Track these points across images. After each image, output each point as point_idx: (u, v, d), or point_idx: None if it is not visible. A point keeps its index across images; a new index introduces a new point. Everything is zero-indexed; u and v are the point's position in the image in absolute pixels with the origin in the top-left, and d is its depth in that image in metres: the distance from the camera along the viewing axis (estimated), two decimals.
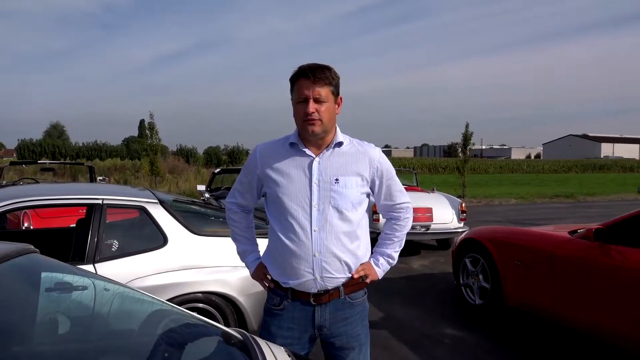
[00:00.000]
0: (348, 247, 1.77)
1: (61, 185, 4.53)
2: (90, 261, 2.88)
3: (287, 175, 1.75)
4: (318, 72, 1.70)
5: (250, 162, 1.87)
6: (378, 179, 1.84)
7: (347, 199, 1.75)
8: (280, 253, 1.77)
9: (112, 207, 3.13)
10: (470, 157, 16.85)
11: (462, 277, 4.75)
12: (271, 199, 1.80)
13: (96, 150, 48.85)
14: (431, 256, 7.12)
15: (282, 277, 1.80)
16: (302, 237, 1.72)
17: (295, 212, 1.73)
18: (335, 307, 1.80)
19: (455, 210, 7.16)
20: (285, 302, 1.80)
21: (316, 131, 1.71)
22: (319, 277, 1.74)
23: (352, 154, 1.80)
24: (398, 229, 1.98)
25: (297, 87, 1.73)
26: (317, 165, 1.75)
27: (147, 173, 16.65)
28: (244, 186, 1.92)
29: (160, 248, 3.06)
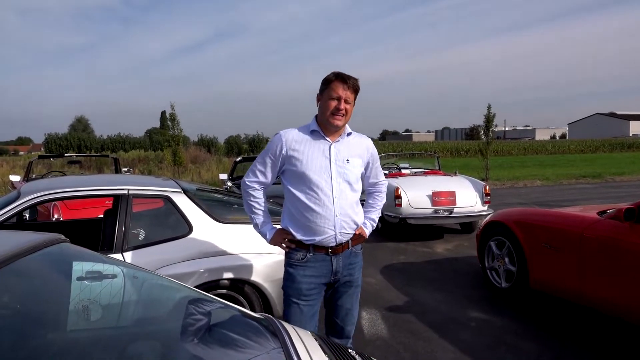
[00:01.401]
0: (355, 210, 2.32)
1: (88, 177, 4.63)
2: (118, 250, 2.94)
3: (310, 155, 2.21)
4: (352, 80, 2.21)
5: (274, 145, 2.26)
6: (371, 162, 2.43)
7: (354, 175, 2.29)
8: (306, 216, 2.22)
9: (138, 197, 3.18)
10: (493, 139, 16.54)
11: (488, 261, 4.69)
12: (296, 174, 2.23)
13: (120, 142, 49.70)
14: (455, 240, 7.05)
15: (308, 236, 2.24)
16: (327, 202, 2.21)
17: (320, 183, 2.20)
18: (345, 257, 2.32)
19: (478, 193, 7.06)
20: (308, 255, 2.26)
21: (339, 124, 2.22)
22: (338, 232, 2.24)
23: (356, 142, 2.36)
24: (379, 199, 2.56)
25: (333, 87, 2.19)
26: (334, 149, 2.25)
27: (170, 163, 16.90)
28: (266, 166, 2.30)
29: (185, 236, 3.10)
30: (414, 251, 6.38)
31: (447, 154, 41.52)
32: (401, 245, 6.75)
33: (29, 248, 1.46)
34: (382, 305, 4.25)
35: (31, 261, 1.46)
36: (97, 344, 1.57)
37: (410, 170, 8.83)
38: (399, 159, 13.14)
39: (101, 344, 1.59)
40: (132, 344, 1.60)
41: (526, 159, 33.54)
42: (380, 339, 3.54)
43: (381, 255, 6.21)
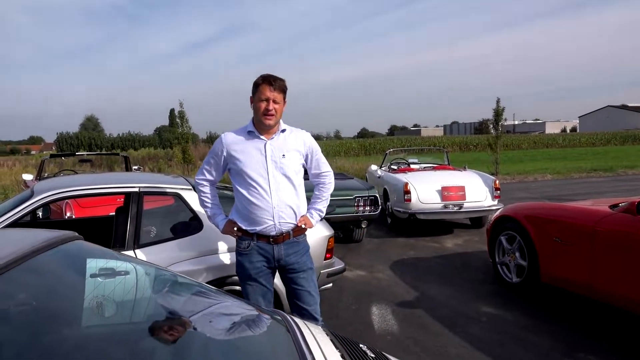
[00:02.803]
0: (294, 201, 2.50)
1: (99, 175, 4.68)
2: (130, 247, 2.97)
3: (248, 154, 2.46)
4: (277, 81, 2.42)
5: (217, 147, 2.54)
6: (310, 154, 2.59)
7: (291, 168, 2.48)
8: (248, 209, 2.46)
9: (149, 195, 3.20)
10: (502, 133, 16.41)
11: (498, 255, 4.67)
12: (237, 172, 2.49)
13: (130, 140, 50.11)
14: (465, 235, 7.03)
15: (250, 226, 2.49)
16: (264, 195, 2.44)
17: (257, 179, 2.43)
18: (287, 245, 2.52)
19: (488, 188, 7.02)
20: (252, 243, 2.51)
21: (271, 123, 2.43)
22: (277, 222, 2.46)
23: (292, 137, 2.54)
24: (324, 190, 2.70)
25: (261, 89, 2.41)
26: (269, 146, 2.47)
27: (179, 161, 16.97)
28: (211, 166, 2.60)
29: (196, 233, 3.12)
30: (423, 246, 6.37)
31: (456, 148, 41.32)
32: (411, 240, 6.75)
33: (44, 246, 1.48)
34: (392, 301, 4.25)
35: (47, 258, 1.48)
36: (112, 340, 1.59)
37: (419, 166, 8.81)
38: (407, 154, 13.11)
39: (115, 339, 1.61)
40: (145, 340, 1.62)
41: (536, 153, 33.26)
42: (390, 334, 3.54)
43: (391, 250, 6.21)
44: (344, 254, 5.98)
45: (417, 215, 6.77)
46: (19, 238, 1.58)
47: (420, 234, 7.09)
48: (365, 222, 6.31)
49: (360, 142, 44.86)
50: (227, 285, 3.12)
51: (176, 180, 3.51)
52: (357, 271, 5.27)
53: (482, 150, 32.99)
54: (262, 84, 2.43)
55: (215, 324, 1.76)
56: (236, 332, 1.76)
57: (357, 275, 5.13)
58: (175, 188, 3.24)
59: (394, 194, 7.26)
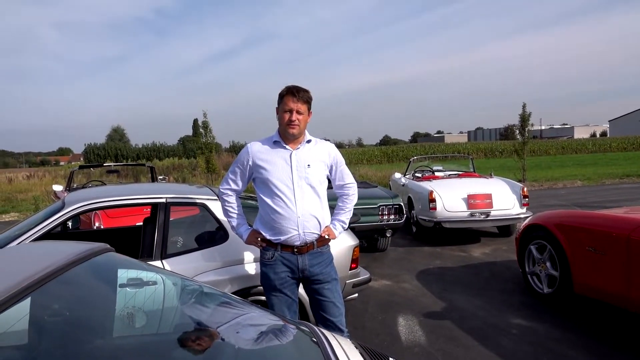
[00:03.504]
0: (319, 212, 2.52)
1: (127, 186, 4.78)
2: (157, 257, 3.01)
3: (273, 163, 2.48)
4: (301, 92, 2.47)
5: (243, 156, 2.57)
6: (334, 165, 2.63)
7: (316, 178, 2.51)
8: (273, 218, 2.48)
9: (175, 205, 3.25)
10: (529, 139, 16.12)
11: (528, 265, 4.57)
12: (262, 181, 2.51)
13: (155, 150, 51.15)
14: (492, 244, 6.90)
15: (275, 236, 2.50)
16: (289, 205, 2.45)
17: (282, 188, 2.46)
18: (311, 256, 2.53)
19: (516, 195, 6.90)
20: (276, 254, 2.52)
21: (295, 133, 2.47)
22: (302, 232, 2.47)
23: (317, 148, 2.58)
24: (348, 202, 2.72)
25: (285, 100, 2.47)
26: (295, 156, 2.50)
27: (203, 170, 17.21)
28: (236, 175, 2.62)
29: (222, 243, 3.15)
30: (450, 255, 6.28)
31: (481, 155, 40.84)
32: (437, 249, 6.66)
33: (78, 259, 1.52)
34: (419, 311, 4.20)
35: (81, 270, 1.52)
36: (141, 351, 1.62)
37: (444, 173, 8.73)
38: (431, 162, 12.98)
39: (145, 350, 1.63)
40: (175, 351, 1.64)
41: (565, 159, 32.54)
42: (418, 346, 3.49)
43: (416, 260, 6.14)
44: (368, 263, 5.95)
45: (442, 223, 6.69)
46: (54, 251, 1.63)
47: (447, 243, 7.00)
48: (390, 231, 6.26)
49: (382, 150, 44.70)
50: (252, 295, 3.14)
51: (201, 190, 3.55)
52: (383, 281, 5.22)
53: (508, 157, 32.47)
54: (287, 94, 2.47)
55: (243, 335, 1.77)
56: (263, 343, 1.76)
57: (382, 285, 5.09)
58: (201, 198, 3.28)
59: (419, 202, 7.20)
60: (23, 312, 1.34)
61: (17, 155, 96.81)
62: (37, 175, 25.62)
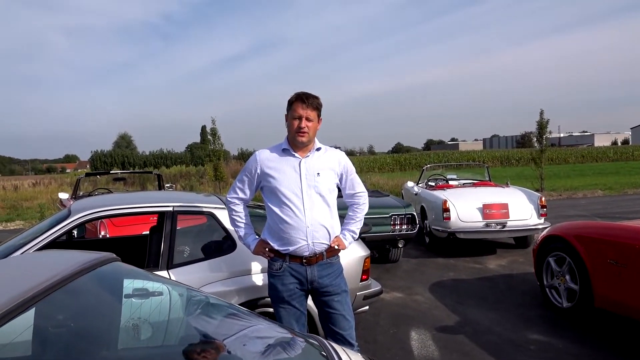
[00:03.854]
0: (328, 221, 2.52)
1: (133, 194, 4.82)
2: (164, 267, 3.02)
3: (282, 172, 2.48)
4: (311, 99, 2.47)
5: (251, 164, 2.58)
6: (344, 173, 2.63)
7: (325, 187, 2.50)
8: (281, 228, 2.47)
9: (182, 214, 3.27)
10: (547, 147, 16.00)
11: (546, 278, 4.52)
12: (270, 190, 2.50)
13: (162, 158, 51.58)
14: (509, 255, 6.83)
15: (283, 246, 2.48)
16: (298, 214, 2.44)
17: (291, 197, 2.45)
18: (320, 267, 2.51)
19: (533, 205, 6.84)
20: (284, 264, 2.50)
21: (304, 141, 2.47)
22: (311, 242, 2.46)
23: (327, 156, 2.58)
24: (358, 211, 2.70)
25: (294, 107, 2.47)
26: (304, 164, 2.49)
27: (211, 178, 17.31)
28: (244, 184, 2.61)
29: (229, 253, 3.16)
30: (464, 267, 6.23)
31: (497, 163, 40.58)
32: (450, 261, 6.61)
33: (84, 268, 1.54)
34: (432, 325, 4.16)
35: (86, 280, 1.54)
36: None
37: (458, 182, 8.68)
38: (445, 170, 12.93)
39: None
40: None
41: (585, 167, 32.19)
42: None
43: (430, 271, 6.10)
44: (380, 274, 5.92)
45: (457, 234, 6.64)
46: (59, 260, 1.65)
47: (461, 254, 6.94)
48: (402, 242, 6.23)
49: (395, 158, 44.63)
50: (259, 307, 3.14)
51: (209, 198, 3.57)
52: (395, 293, 5.19)
53: (525, 165, 32.20)
54: (295, 101, 2.48)
55: (250, 348, 1.77)
56: (271, 356, 1.76)
57: (394, 297, 5.06)
58: (209, 207, 3.29)
59: (432, 211, 7.16)
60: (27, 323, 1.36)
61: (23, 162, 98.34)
62: (43, 183, 25.98)
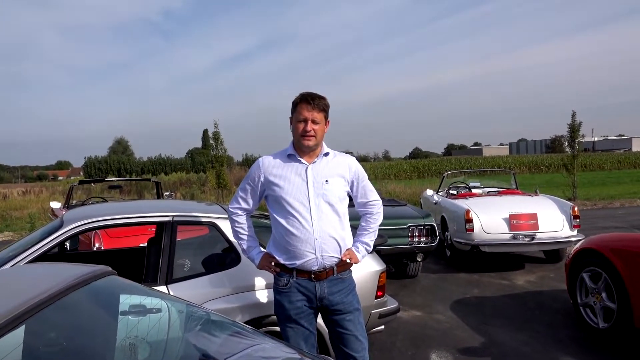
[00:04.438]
0: (339, 233, 2.51)
1: (130, 203, 4.86)
2: (162, 282, 3.04)
3: (287, 179, 2.48)
4: (317, 100, 2.46)
5: (253, 172, 2.57)
6: (355, 180, 2.61)
7: (335, 195, 2.49)
8: (287, 240, 2.45)
9: (183, 224, 3.29)
10: (579, 152, 15.87)
11: (580, 296, 4.46)
12: (275, 199, 2.50)
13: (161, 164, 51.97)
14: (538, 271, 6.78)
15: (289, 260, 2.47)
16: (305, 225, 2.43)
17: (297, 207, 2.44)
18: (330, 282, 2.50)
19: (565, 216, 6.78)
20: (291, 280, 2.49)
21: (310, 145, 2.46)
22: (319, 256, 2.44)
23: (336, 161, 2.57)
24: (372, 221, 2.69)
25: (299, 109, 2.47)
26: (311, 171, 2.49)
27: (213, 186, 17.40)
28: (247, 193, 2.62)
29: (233, 267, 3.16)
30: (489, 283, 6.18)
31: (524, 169, 40.36)
32: (474, 276, 6.57)
33: (78, 282, 1.56)
34: (454, 347, 4.13)
35: (80, 295, 1.55)
36: None
37: (482, 190, 8.64)
38: (468, 177, 12.87)
39: None
40: None
41: (622, 174, 31.85)
42: None
43: (451, 288, 6.06)
44: (397, 291, 5.89)
45: (480, 247, 6.60)
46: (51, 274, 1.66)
47: (485, 269, 6.89)
48: (421, 255, 6.20)
49: (412, 164, 44.51)
50: (265, 326, 3.13)
51: (211, 208, 3.59)
52: (413, 311, 5.17)
53: (556, 172, 31.96)
54: (301, 102, 2.48)
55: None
56: None
57: (412, 316, 5.03)
58: (211, 217, 3.31)
59: (454, 222, 7.13)
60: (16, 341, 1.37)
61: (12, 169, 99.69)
62: (33, 191, 26.25)
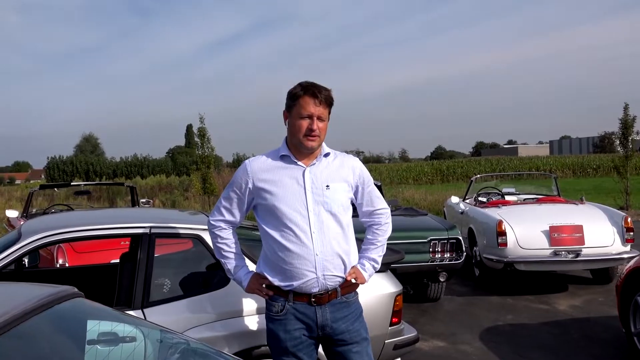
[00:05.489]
0: (343, 247, 2.49)
1: (100, 211, 4.88)
2: (138, 306, 3.05)
3: (281, 185, 2.45)
4: (324, 92, 2.43)
5: (240, 177, 2.54)
6: (360, 185, 2.60)
7: (338, 203, 2.48)
8: (281, 257, 2.42)
9: (162, 237, 3.30)
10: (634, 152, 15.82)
11: (634, 324, 4.46)
12: (266, 208, 2.48)
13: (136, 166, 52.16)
14: (584, 293, 6.78)
15: (285, 281, 2.44)
16: (303, 239, 2.40)
17: (294, 217, 2.41)
18: (334, 307, 2.47)
19: (616, 228, 6.77)
20: (287, 305, 2.45)
21: (314, 146, 2.45)
22: (321, 275, 2.41)
23: (338, 163, 2.56)
24: (380, 233, 2.69)
25: (302, 104, 2.42)
26: (309, 174, 2.47)
27: (198, 192, 17.45)
28: (232, 202, 2.58)
29: (221, 288, 3.17)
30: (526, 308, 6.19)
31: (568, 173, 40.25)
32: (507, 300, 6.57)
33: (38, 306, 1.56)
34: None
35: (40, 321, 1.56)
36: None
37: (517, 197, 8.64)
38: (500, 182, 12.86)
39: None
40: None
41: None
42: None
43: (481, 313, 6.07)
44: (415, 317, 5.89)
45: (515, 265, 6.59)
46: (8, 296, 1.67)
47: (521, 291, 6.89)
48: (445, 275, 6.19)
49: (434, 165, 44.52)
50: (257, 358, 3.14)
51: (196, 218, 3.60)
52: (435, 341, 5.17)
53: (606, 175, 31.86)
54: (304, 95, 2.42)
55: None
56: None
57: (434, 346, 5.04)
58: (196, 228, 3.32)
59: (484, 235, 7.13)
60: None
61: None
62: None
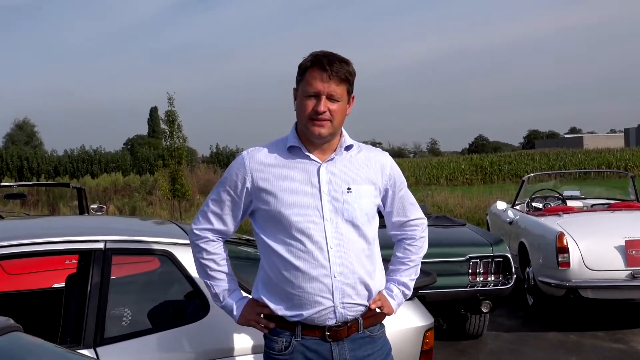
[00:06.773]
0: (367, 268, 2.47)
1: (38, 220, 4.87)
2: (89, 343, 3.04)
3: (289, 185, 2.43)
4: (336, 65, 2.38)
5: (235, 172, 2.52)
6: (391, 188, 2.59)
7: (361, 211, 2.46)
8: (287, 279, 2.38)
9: (120, 254, 3.30)
10: None
11: None
12: (269, 215, 2.45)
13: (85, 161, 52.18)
14: None
15: (292, 309, 2.41)
16: (317, 256, 2.37)
17: (305, 227, 2.38)
18: (354, 344, 2.45)
19: None
20: (294, 341, 2.42)
21: (323, 133, 2.41)
22: (339, 303, 2.39)
23: (363, 159, 2.55)
24: (414, 250, 2.68)
25: (308, 78, 2.40)
26: (326, 172, 2.45)
27: (166, 195, 17.46)
28: (223, 206, 2.54)
29: (198, 319, 3.17)
30: (595, 348, 6.21)
31: None
32: (571, 336, 6.60)
33: None
34: None
35: None
36: None
37: (582, 202, 8.63)
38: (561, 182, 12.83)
39: None
40: None
41: None
42: None
43: (534, 353, 6.10)
44: (451, 357, 5.90)
45: (581, 290, 6.60)
46: None
47: (589, 326, 6.92)
48: (488, 304, 6.19)
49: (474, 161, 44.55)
50: None
51: (164, 228, 3.62)
52: None
53: None
54: (312, 67, 2.41)
55: None
56: None
57: None
58: (164, 243, 3.32)
59: (540, 252, 7.13)
60: None
61: None
62: None
